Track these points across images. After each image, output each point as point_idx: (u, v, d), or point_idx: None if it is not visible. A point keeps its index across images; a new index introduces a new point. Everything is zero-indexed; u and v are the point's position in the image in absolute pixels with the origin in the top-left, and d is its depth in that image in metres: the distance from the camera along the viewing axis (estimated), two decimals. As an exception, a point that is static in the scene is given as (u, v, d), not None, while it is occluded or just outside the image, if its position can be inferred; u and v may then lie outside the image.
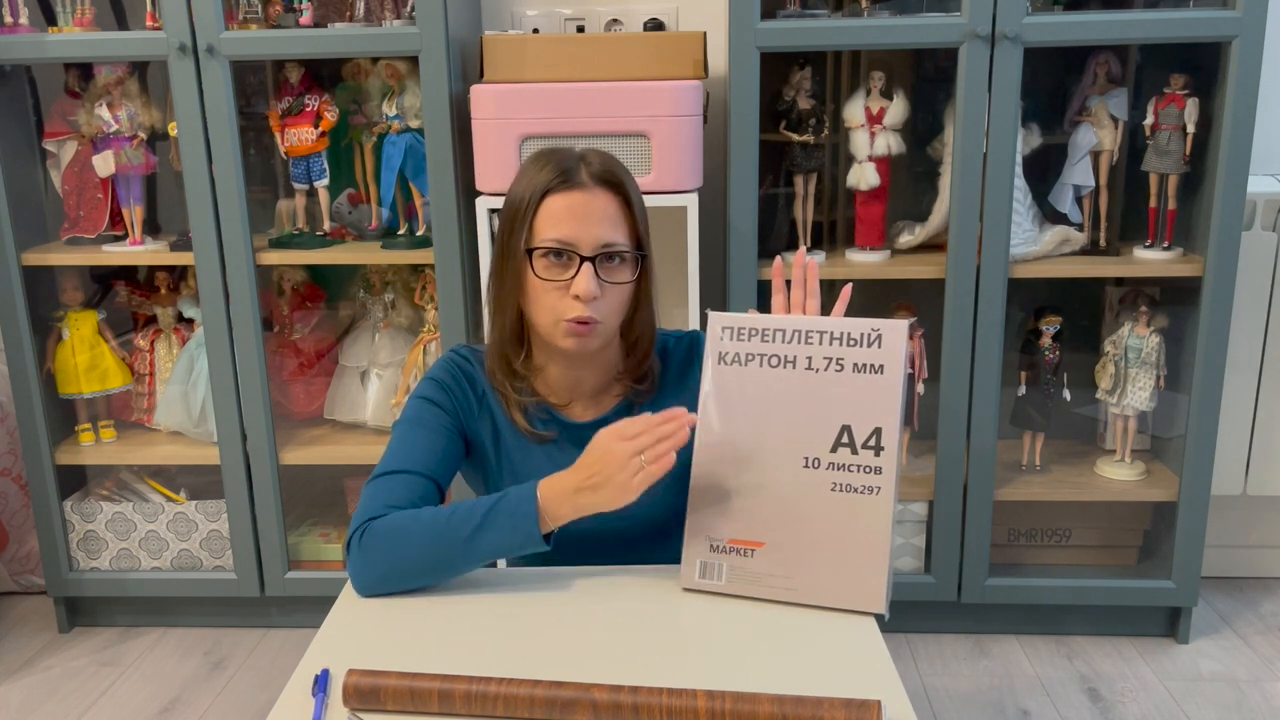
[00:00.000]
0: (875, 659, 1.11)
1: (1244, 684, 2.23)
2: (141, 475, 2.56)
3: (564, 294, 1.29)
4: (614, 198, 1.31)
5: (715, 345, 1.27)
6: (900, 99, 2.22)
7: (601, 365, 1.39)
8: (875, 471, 1.21)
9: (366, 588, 1.26)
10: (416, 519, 1.25)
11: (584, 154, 1.33)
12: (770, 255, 2.32)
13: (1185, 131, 2.17)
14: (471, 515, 1.24)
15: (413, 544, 1.24)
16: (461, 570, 1.26)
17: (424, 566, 1.25)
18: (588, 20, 2.47)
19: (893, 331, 1.22)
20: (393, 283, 2.45)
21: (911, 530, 2.37)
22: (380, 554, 1.25)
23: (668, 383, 1.42)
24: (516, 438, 1.40)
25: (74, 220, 2.43)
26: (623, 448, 1.20)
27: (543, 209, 1.29)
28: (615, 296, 1.31)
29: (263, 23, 2.22)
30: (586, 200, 1.29)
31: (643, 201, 1.35)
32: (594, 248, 1.28)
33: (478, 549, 1.23)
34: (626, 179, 1.33)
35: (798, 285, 1.33)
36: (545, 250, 1.29)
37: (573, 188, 1.29)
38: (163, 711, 2.22)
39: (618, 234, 1.30)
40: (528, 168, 1.33)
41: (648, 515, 1.32)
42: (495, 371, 1.39)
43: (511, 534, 1.23)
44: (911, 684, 2.23)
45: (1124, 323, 2.32)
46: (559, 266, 1.29)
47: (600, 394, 1.41)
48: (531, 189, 1.30)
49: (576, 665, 1.11)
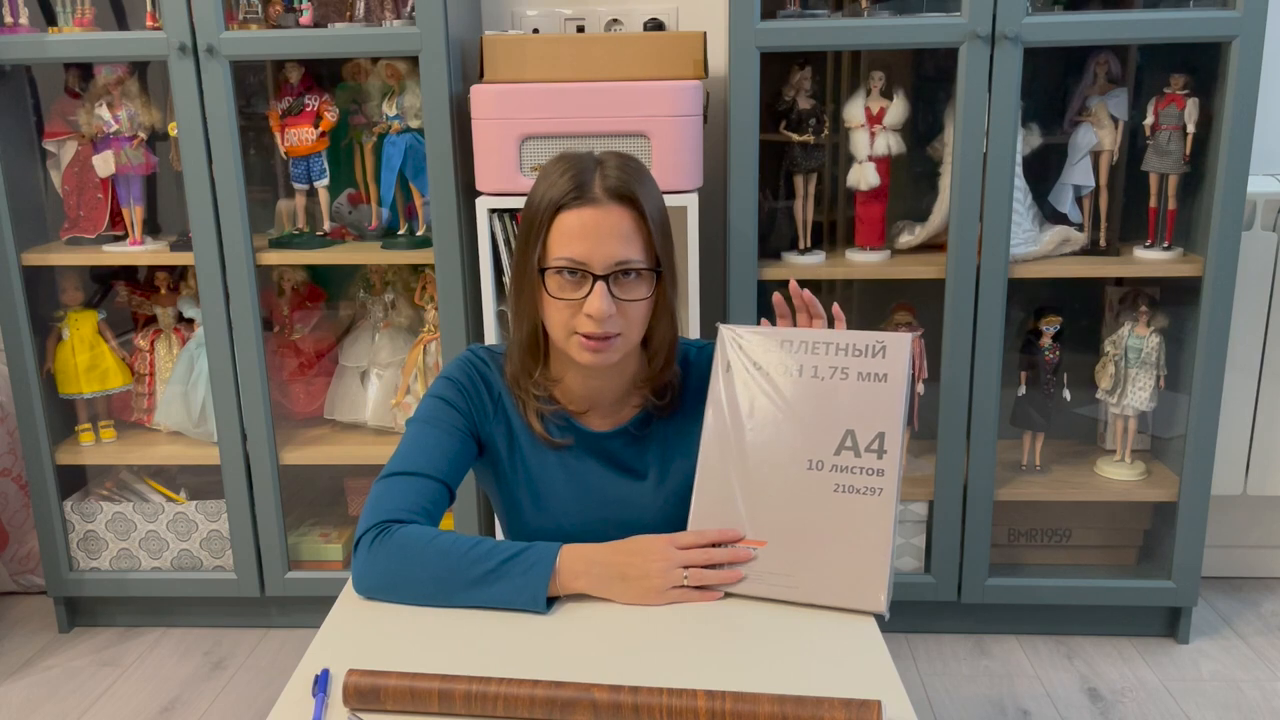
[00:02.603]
0: (875, 659, 1.11)
1: (1244, 684, 2.23)
2: (141, 475, 2.56)
3: (577, 311, 1.27)
4: (628, 213, 1.28)
5: (724, 355, 1.30)
6: (900, 99, 2.22)
7: (620, 376, 1.38)
8: (878, 474, 1.22)
9: (367, 591, 1.26)
10: (434, 542, 1.24)
11: (601, 162, 1.30)
12: (770, 255, 2.32)
13: (1185, 131, 2.17)
14: (488, 558, 1.22)
15: (423, 565, 1.23)
16: (456, 605, 1.23)
17: (426, 590, 1.23)
18: (588, 20, 2.47)
19: (896, 343, 1.25)
20: (393, 283, 2.45)
21: (911, 530, 2.37)
22: (390, 564, 1.24)
23: (689, 394, 1.41)
24: (532, 442, 1.40)
25: (74, 220, 2.43)
26: (672, 554, 1.21)
27: (555, 226, 1.27)
28: (633, 311, 1.29)
29: (263, 23, 2.22)
30: (599, 217, 1.26)
31: (661, 210, 1.32)
32: (606, 266, 1.26)
33: (481, 593, 1.21)
34: (641, 190, 1.29)
35: (801, 311, 1.35)
36: (558, 269, 1.27)
37: (585, 204, 1.27)
38: (163, 711, 2.22)
39: (631, 250, 1.27)
40: (547, 173, 1.31)
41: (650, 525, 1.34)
42: (516, 376, 1.38)
43: (519, 589, 1.21)
44: (911, 684, 2.23)
45: (1124, 323, 2.32)
46: (572, 285, 1.27)
47: (619, 404, 1.40)
48: (546, 202, 1.28)
49: (576, 665, 1.11)
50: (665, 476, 1.40)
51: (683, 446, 1.39)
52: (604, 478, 1.39)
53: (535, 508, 1.41)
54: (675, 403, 1.40)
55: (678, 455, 1.40)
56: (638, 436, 1.40)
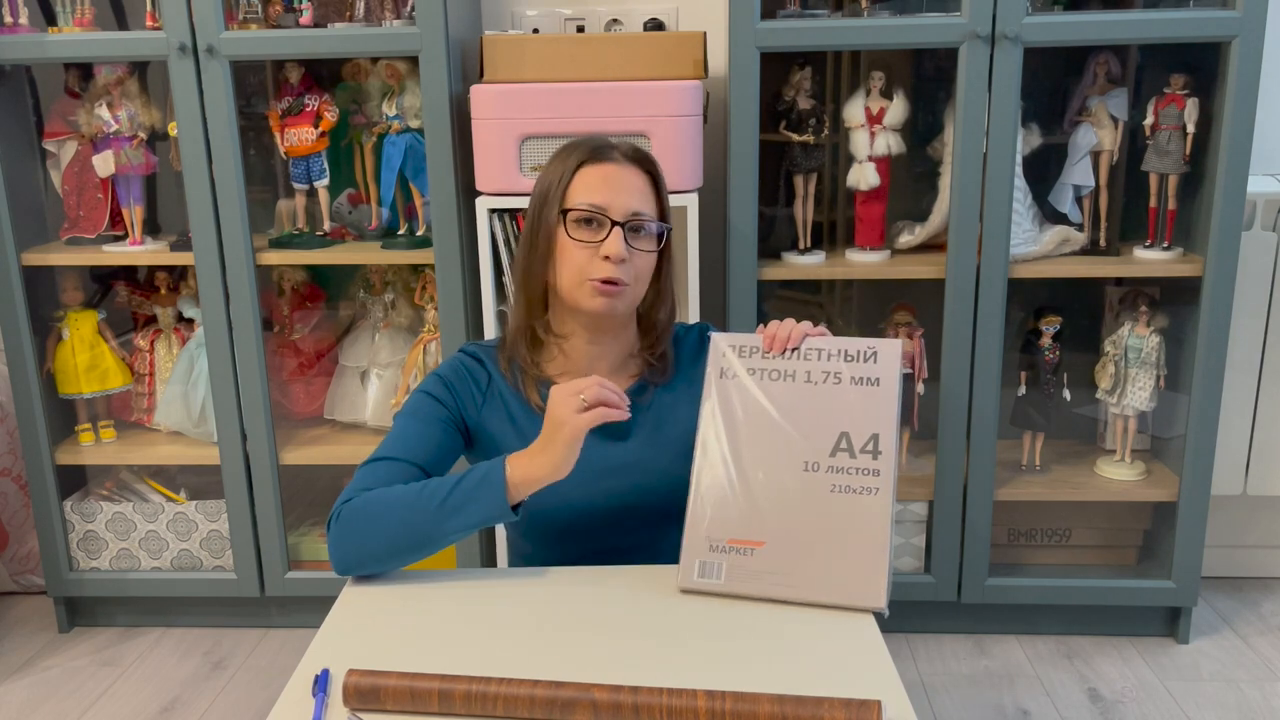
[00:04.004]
0: (875, 659, 1.11)
1: (1244, 684, 2.23)
2: (141, 475, 2.56)
3: (593, 255, 1.36)
4: (644, 175, 1.41)
5: (718, 362, 1.32)
6: (900, 99, 2.22)
7: (620, 342, 1.45)
8: (873, 474, 1.24)
9: (345, 566, 1.28)
10: (388, 494, 1.28)
11: (614, 140, 1.43)
12: (770, 255, 2.32)
13: (1185, 131, 2.17)
14: (441, 486, 1.27)
15: (385, 518, 1.26)
16: (435, 542, 1.26)
17: (397, 540, 1.26)
18: (588, 20, 2.47)
19: (888, 349, 1.28)
20: (393, 283, 2.45)
21: (911, 530, 2.37)
22: (355, 530, 1.27)
23: (681, 368, 1.49)
24: (532, 423, 1.42)
25: (74, 220, 2.43)
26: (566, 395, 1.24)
27: (577, 178, 1.38)
28: (641, 264, 1.39)
29: (263, 23, 2.22)
30: (619, 172, 1.39)
31: (667, 191, 1.45)
32: (625, 214, 1.36)
33: (448, 519, 1.25)
34: (655, 163, 1.44)
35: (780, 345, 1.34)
36: (579, 214, 1.36)
37: (607, 160, 1.39)
38: (163, 711, 2.22)
39: (646, 206, 1.39)
40: (558, 154, 1.42)
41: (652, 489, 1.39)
42: (518, 348, 1.44)
43: (480, 504, 1.25)
44: (911, 684, 2.23)
45: (1124, 323, 2.32)
46: (590, 230, 1.37)
47: (617, 373, 1.45)
48: (565, 166, 1.39)
49: (576, 665, 1.11)
50: (659, 440, 1.43)
51: (675, 414, 1.44)
52: (599, 448, 1.41)
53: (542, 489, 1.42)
54: (668, 372, 1.47)
55: (669, 421, 1.44)
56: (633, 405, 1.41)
